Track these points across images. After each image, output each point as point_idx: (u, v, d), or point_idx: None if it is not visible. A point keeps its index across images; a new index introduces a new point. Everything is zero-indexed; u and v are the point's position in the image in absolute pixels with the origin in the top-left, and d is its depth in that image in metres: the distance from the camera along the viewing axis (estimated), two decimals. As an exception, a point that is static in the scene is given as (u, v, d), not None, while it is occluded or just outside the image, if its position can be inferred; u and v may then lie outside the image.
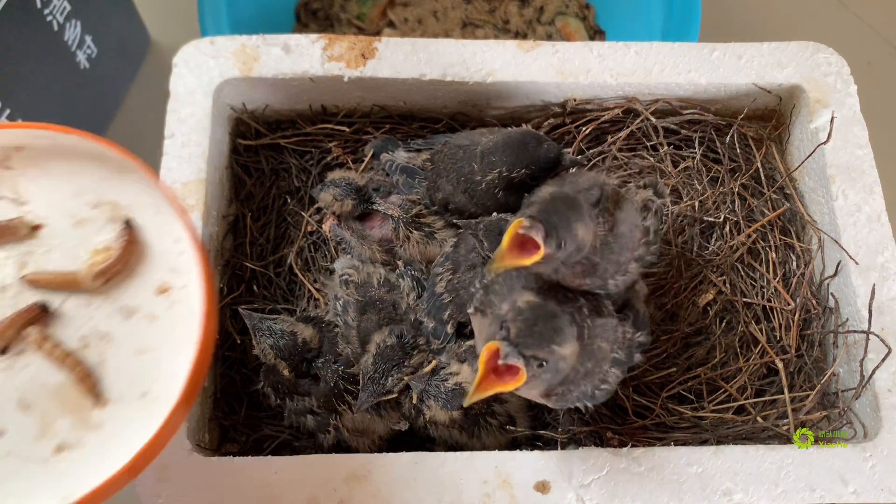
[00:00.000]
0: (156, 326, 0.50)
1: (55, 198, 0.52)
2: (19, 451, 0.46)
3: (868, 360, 0.64)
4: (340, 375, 0.62)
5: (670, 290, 0.72)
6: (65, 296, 0.50)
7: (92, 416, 0.47)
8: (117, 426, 0.47)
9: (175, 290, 0.50)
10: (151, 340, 0.49)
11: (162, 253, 0.51)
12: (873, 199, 0.69)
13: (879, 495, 0.60)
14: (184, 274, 0.50)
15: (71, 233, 0.52)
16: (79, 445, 0.47)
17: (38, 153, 0.53)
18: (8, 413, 0.47)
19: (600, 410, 0.67)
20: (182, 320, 0.49)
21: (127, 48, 0.97)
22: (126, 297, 0.50)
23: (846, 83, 0.73)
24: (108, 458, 0.45)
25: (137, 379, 0.48)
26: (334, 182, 0.67)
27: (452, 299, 0.61)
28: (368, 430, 0.63)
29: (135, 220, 0.51)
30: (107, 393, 0.48)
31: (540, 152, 0.60)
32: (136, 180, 0.52)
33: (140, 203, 0.52)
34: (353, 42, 0.73)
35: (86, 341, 0.49)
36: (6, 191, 0.52)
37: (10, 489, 0.45)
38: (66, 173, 0.52)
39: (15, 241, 0.51)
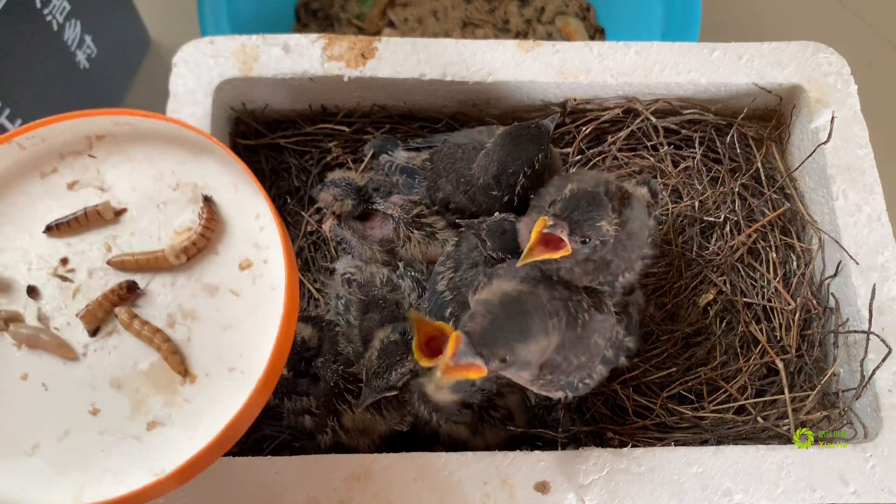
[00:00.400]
0: (240, 302, 0.50)
1: (137, 182, 0.54)
2: (114, 429, 0.48)
3: (868, 361, 0.64)
4: (341, 375, 0.62)
5: (670, 290, 0.72)
6: (150, 276, 0.51)
7: (182, 393, 0.48)
8: (206, 401, 0.48)
9: (257, 265, 0.51)
10: (236, 316, 0.50)
11: (243, 229, 0.52)
12: (873, 199, 0.69)
13: (880, 495, 0.60)
14: (265, 249, 0.51)
15: (154, 215, 0.53)
16: (170, 422, 0.48)
17: (119, 140, 0.54)
18: (102, 393, 0.49)
19: (600, 410, 0.67)
20: (265, 295, 0.50)
21: (127, 48, 0.97)
22: (209, 275, 0.51)
23: (846, 83, 0.73)
24: (198, 432, 0.47)
25: (224, 354, 0.49)
26: (334, 182, 0.67)
27: (454, 297, 0.61)
28: (369, 430, 0.63)
29: (214, 198, 0.52)
30: (194, 369, 0.49)
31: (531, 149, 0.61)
32: (213, 160, 0.53)
33: (219, 182, 0.53)
34: (352, 42, 0.73)
35: (172, 319, 0.50)
36: (91, 178, 0.54)
37: (106, 465, 0.47)
38: (146, 158, 0.54)
39: (100, 226, 0.53)
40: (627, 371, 0.68)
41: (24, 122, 0.76)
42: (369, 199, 0.68)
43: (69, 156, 0.54)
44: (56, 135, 0.53)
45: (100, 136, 0.54)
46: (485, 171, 0.62)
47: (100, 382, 0.49)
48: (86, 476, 0.46)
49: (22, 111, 0.76)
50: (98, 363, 0.50)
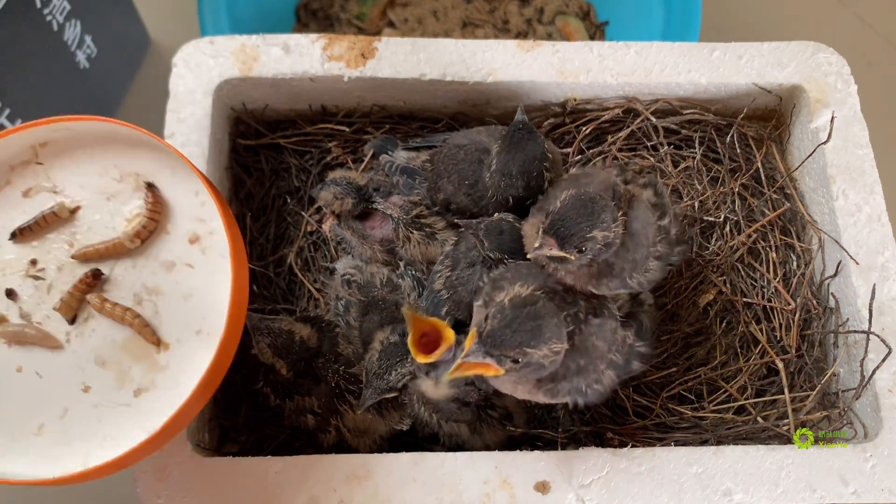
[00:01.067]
0: (195, 272, 0.56)
1: (84, 180, 0.58)
2: (106, 401, 0.54)
3: (868, 361, 0.64)
4: (341, 375, 0.62)
5: (670, 290, 0.72)
6: (113, 263, 0.57)
7: (159, 360, 0.54)
8: (182, 363, 0.54)
9: (204, 237, 0.57)
10: (194, 285, 0.56)
11: (186, 207, 0.57)
12: (874, 199, 0.69)
13: (880, 495, 0.60)
14: (209, 221, 0.57)
15: (105, 207, 0.58)
16: (153, 386, 0.54)
17: (61, 145, 0.59)
18: (89, 371, 0.54)
19: (600, 410, 0.67)
20: (217, 263, 0.56)
21: (127, 48, 0.97)
22: (164, 252, 0.57)
23: (846, 83, 0.73)
24: (179, 390, 0.52)
25: (190, 320, 0.55)
26: (335, 181, 0.67)
27: (450, 296, 0.61)
28: (370, 430, 0.63)
29: (156, 184, 0.57)
30: (166, 337, 0.55)
31: None
32: (148, 149, 0.58)
33: (156, 168, 0.58)
34: (352, 42, 0.73)
35: (139, 298, 0.56)
36: (42, 183, 0.58)
37: (105, 433, 0.53)
38: (88, 157, 0.58)
39: (60, 226, 0.57)
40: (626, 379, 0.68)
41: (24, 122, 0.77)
42: (369, 199, 0.68)
43: (19, 167, 0.58)
44: (3, 149, 0.57)
45: (42, 143, 0.58)
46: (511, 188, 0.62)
47: (86, 363, 0.55)
48: (89, 445, 0.52)
49: (21, 111, 0.76)
50: (81, 347, 0.55)
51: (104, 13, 0.88)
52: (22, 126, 0.56)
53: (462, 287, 0.61)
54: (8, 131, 0.56)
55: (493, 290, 0.54)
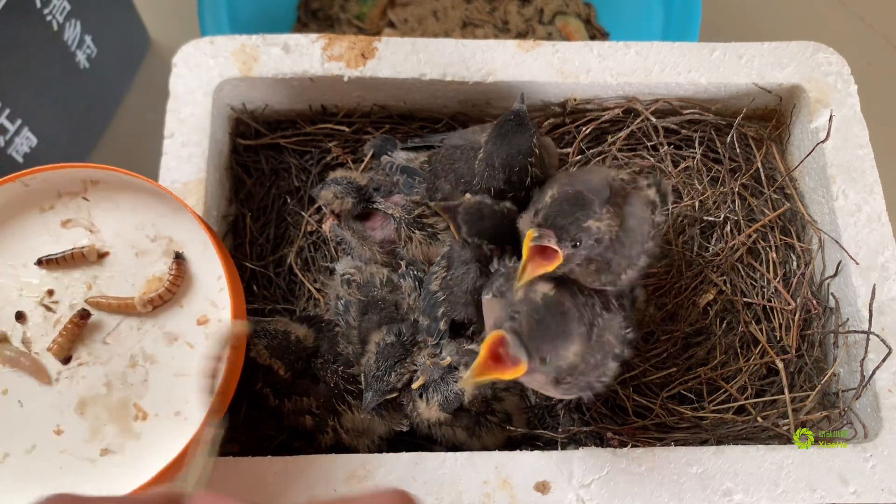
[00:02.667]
0: (193, 353, 0.56)
1: (121, 229, 0.60)
2: (73, 450, 0.54)
3: (868, 361, 0.64)
4: (340, 375, 0.62)
5: (671, 290, 0.72)
6: (121, 318, 0.58)
7: (133, 427, 0.55)
8: (153, 437, 0.54)
9: (213, 322, 0.57)
10: (188, 365, 0.56)
11: (205, 287, 0.58)
12: (874, 199, 0.69)
13: (880, 495, 0.60)
14: (221, 309, 0.57)
15: (131, 261, 0.59)
16: (121, 451, 0.54)
17: (111, 187, 0.60)
18: (67, 416, 0.55)
19: (600, 410, 0.67)
20: None
21: (127, 48, 0.97)
22: (171, 324, 0.58)
23: (846, 83, 0.73)
24: (143, 464, 0.53)
25: (173, 399, 0.55)
26: (335, 180, 0.67)
27: (447, 297, 0.61)
28: (369, 431, 0.63)
29: (185, 255, 0.58)
30: (147, 408, 0.55)
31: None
32: (188, 218, 0.58)
33: (191, 239, 0.59)
34: (352, 42, 0.73)
35: (134, 360, 0.57)
36: (83, 218, 0.60)
37: (62, 483, 0.53)
38: (131, 208, 0.60)
39: (85, 266, 0.59)
40: (627, 371, 0.68)
41: (24, 122, 0.77)
42: (370, 199, 0.68)
43: (66, 195, 0.60)
44: (57, 176, 0.58)
45: (94, 181, 0.60)
46: (493, 179, 0.61)
47: (66, 406, 0.55)
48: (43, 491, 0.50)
49: (22, 111, 0.76)
50: (67, 389, 0.56)
51: (104, 13, 0.88)
52: (81, 164, 0.58)
53: (457, 287, 0.61)
54: (66, 165, 0.58)
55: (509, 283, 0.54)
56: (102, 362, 0.57)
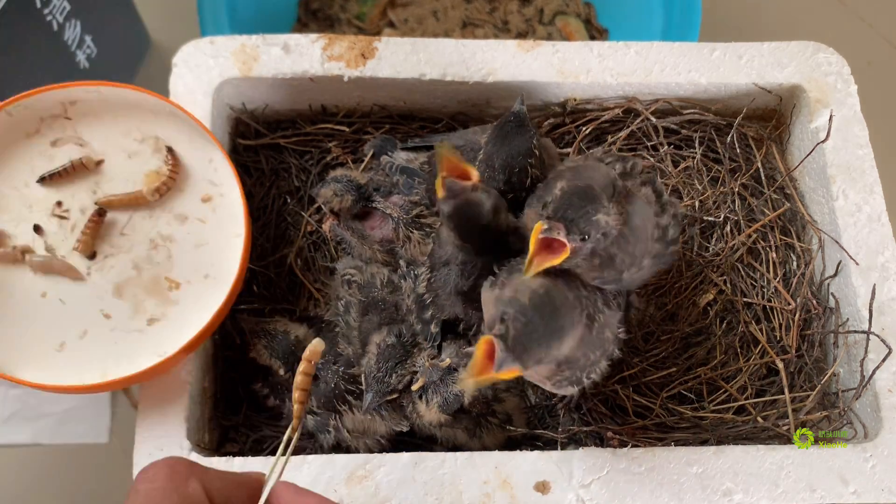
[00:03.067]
0: (206, 226, 0.63)
1: (108, 137, 0.65)
2: (122, 327, 0.60)
3: (868, 361, 0.64)
4: (341, 376, 0.62)
5: (670, 290, 0.72)
6: (132, 212, 0.63)
7: (170, 296, 0.61)
8: (190, 300, 0.61)
9: (216, 198, 0.64)
10: (205, 237, 0.63)
11: (200, 171, 0.65)
12: (874, 199, 0.69)
13: (880, 495, 0.60)
14: (220, 185, 0.64)
15: (126, 163, 0.65)
16: (165, 317, 0.61)
17: (90, 105, 0.65)
18: (107, 301, 0.61)
19: (600, 410, 0.67)
20: (225, 220, 0.63)
21: (127, 48, 0.97)
22: (179, 207, 0.64)
23: (846, 83, 0.73)
24: (187, 323, 0.59)
25: (199, 266, 0.62)
26: (335, 178, 0.67)
27: (433, 299, 0.61)
28: (369, 431, 0.63)
29: (174, 148, 0.64)
30: (177, 278, 0.62)
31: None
32: (170, 118, 0.65)
33: (175, 135, 0.65)
34: (352, 42, 0.73)
35: (154, 243, 0.63)
36: (70, 135, 0.65)
37: (121, 353, 0.59)
38: (113, 118, 0.65)
39: (85, 175, 0.64)
40: (627, 370, 0.68)
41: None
42: (369, 198, 0.68)
43: (48, 118, 0.64)
44: (36, 103, 0.63)
45: (73, 101, 0.64)
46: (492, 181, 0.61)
47: (104, 293, 0.61)
48: (105, 362, 0.59)
49: (22, 111, 0.76)
50: (100, 279, 0.61)
51: (104, 13, 0.88)
52: (56, 85, 0.62)
53: (441, 289, 0.61)
54: (42, 89, 0.62)
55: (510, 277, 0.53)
56: (126, 251, 0.62)
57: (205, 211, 0.64)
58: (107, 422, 0.83)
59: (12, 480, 0.84)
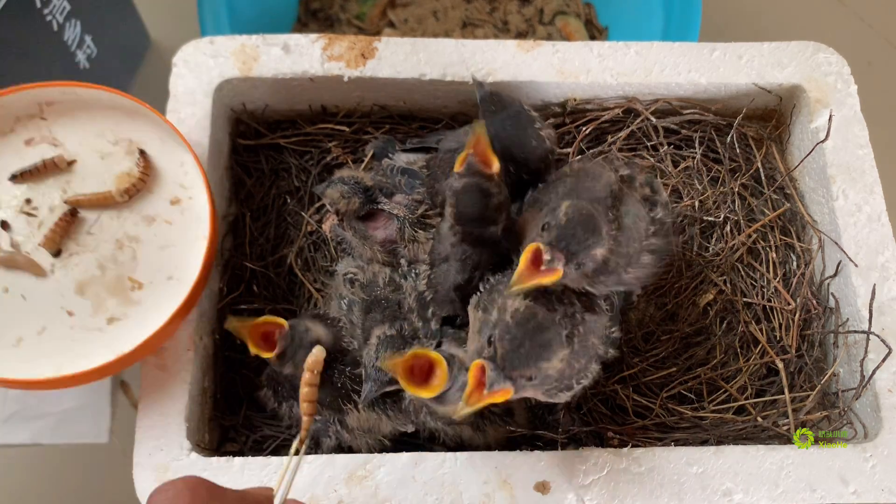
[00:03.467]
0: (172, 228, 0.64)
1: (82, 139, 0.66)
2: (81, 325, 0.60)
3: (868, 361, 0.64)
4: (347, 376, 0.62)
5: (670, 290, 0.72)
6: (100, 212, 0.64)
7: (132, 296, 0.62)
8: (152, 301, 0.61)
9: (184, 200, 0.65)
10: (170, 238, 0.64)
11: (171, 174, 0.65)
12: (874, 199, 0.69)
13: (880, 495, 0.60)
14: (189, 188, 0.65)
15: (98, 164, 0.65)
16: (125, 317, 0.61)
17: (65, 106, 0.66)
18: (69, 299, 0.61)
19: (600, 410, 0.67)
20: (192, 223, 0.64)
21: (127, 48, 0.97)
22: (147, 209, 0.65)
23: (847, 83, 0.73)
24: (147, 324, 0.59)
25: (163, 267, 0.63)
26: (342, 179, 0.67)
27: (434, 296, 0.61)
28: (374, 430, 0.63)
29: (147, 150, 0.65)
30: (141, 279, 0.62)
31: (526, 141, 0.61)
32: (144, 120, 0.66)
33: (149, 138, 0.66)
34: (352, 42, 0.73)
35: (120, 243, 0.63)
36: (44, 136, 0.65)
37: (78, 351, 0.59)
38: (88, 119, 0.66)
39: (56, 174, 0.65)
40: (627, 370, 0.68)
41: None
42: (375, 200, 0.68)
43: (24, 118, 0.65)
44: (13, 102, 0.64)
45: (49, 102, 0.66)
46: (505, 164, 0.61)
47: (66, 291, 0.61)
48: (62, 359, 0.59)
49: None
50: (63, 277, 0.62)
51: (104, 13, 0.88)
52: (33, 84, 0.63)
53: (440, 285, 0.61)
54: (19, 87, 0.63)
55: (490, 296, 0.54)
56: (91, 250, 0.63)
57: (173, 213, 0.64)
58: (107, 422, 0.83)
59: (12, 480, 0.84)
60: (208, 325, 0.67)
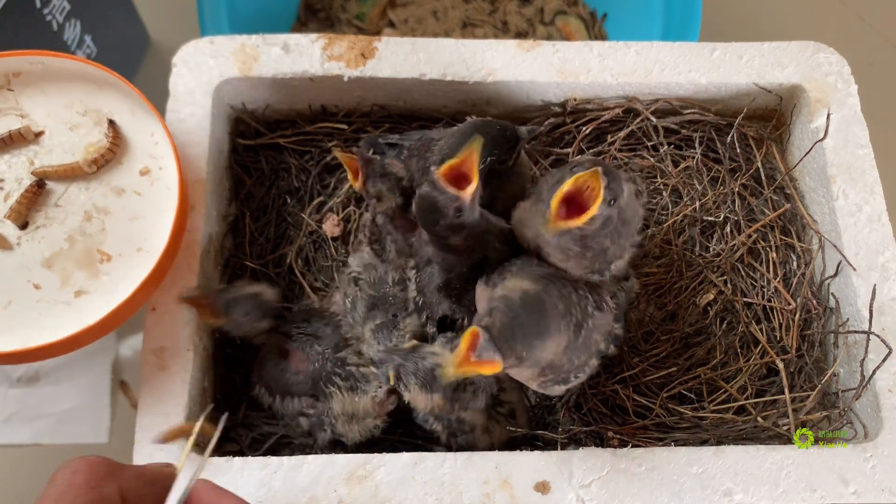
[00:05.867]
0: (142, 199, 0.63)
1: (51, 110, 0.65)
2: (48, 298, 0.60)
3: (868, 361, 0.64)
4: (328, 358, 0.62)
5: (671, 290, 0.72)
6: (68, 183, 0.63)
7: (101, 269, 0.61)
8: (120, 273, 0.61)
9: (154, 171, 0.64)
10: (140, 210, 0.63)
11: (141, 144, 0.65)
12: (874, 199, 0.69)
13: (880, 495, 0.60)
14: (160, 158, 0.64)
15: (66, 136, 0.65)
16: (93, 290, 0.60)
17: (33, 77, 0.66)
18: (36, 272, 0.61)
19: (600, 410, 0.67)
20: (162, 193, 0.63)
21: (127, 48, 0.97)
22: (116, 180, 0.64)
23: (847, 83, 0.73)
24: (115, 296, 0.59)
25: (132, 239, 0.62)
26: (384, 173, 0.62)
27: (423, 301, 0.61)
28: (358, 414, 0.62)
29: (117, 121, 0.64)
30: (109, 251, 0.61)
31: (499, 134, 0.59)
32: (114, 91, 0.65)
33: (119, 108, 0.65)
34: (352, 42, 0.73)
35: (89, 214, 0.62)
36: (11, 106, 0.65)
37: (44, 324, 0.59)
38: (57, 90, 0.66)
39: (23, 146, 0.64)
40: (627, 370, 0.68)
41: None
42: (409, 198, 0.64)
43: None
44: None
45: (16, 73, 0.65)
46: None
47: (33, 264, 0.61)
48: (28, 332, 0.58)
49: (22, 111, 0.76)
50: (30, 250, 0.61)
51: (104, 13, 0.88)
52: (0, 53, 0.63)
53: (426, 288, 0.61)
54: None
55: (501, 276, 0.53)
56: (59, 222, 0.62)
57: (142, 184, 0.63)
58: (107, 422, 0.83)
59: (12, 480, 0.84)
60: (208, 325, 0.67)
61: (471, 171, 0.52)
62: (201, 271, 0.65)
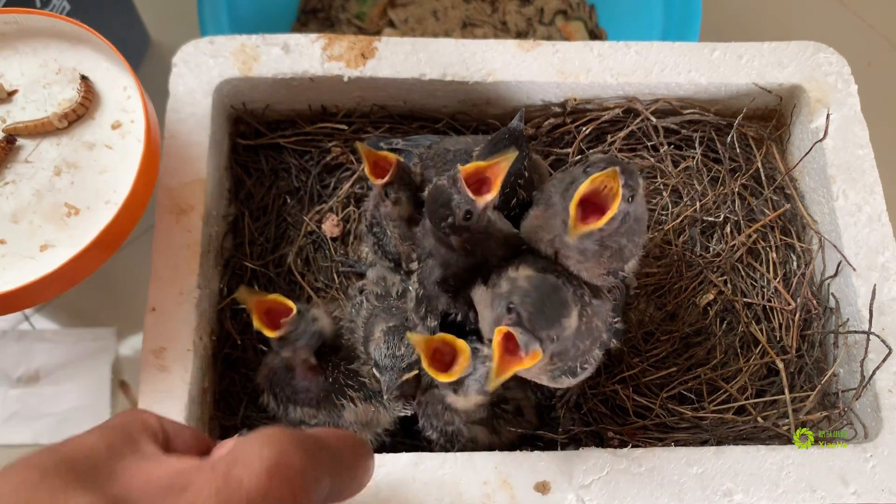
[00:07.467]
0: (113, 153, 0.64)
1: (25, 69, 0.66)
2: (14, 252, 0.60)
3: (868, 361, 0.64)
4: (341, 370, 0.62)
5: (670, 290, 0.72)
6: (40, 139, 0.64)
7: (69, 223, 0.61)
8: (87, 225, 0.61)
9: (125, 124, 0.65)
10: (110, 163, 0.63)
11: (113, 99, 0.65)
12: (874, 199, 0.69)
13: (880, 496, 0.60)
14: (131, 112, 0.65)
15: (40, 93, 0.66)
16: (59, 243, 0.60)
17: (8, 37, 0.67)
18: (4, 226, 0.61)
19: (600, 410, 0.67)
20: (132, 146, 0.64)
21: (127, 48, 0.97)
22: (87, 135, 0.64)
23: (847, 83, 0.73)
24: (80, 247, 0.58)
25: (101, 192, 0.62)
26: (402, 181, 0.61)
27: (424, 293, 0.61)
28: (373, 423, 0.63)
29: (89, 77, 0.65)
30: (78, 204, 0.62)
31: None
32: (88, 47, 0.66)
33: (93, 65, 0.66)
34: (352, 42, 0.73)
35: (59, 169, 0.63)
36: None
37: (6, 278, 0.59)
38: (31, 50, 0.67)
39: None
40: (627, 370, 0.68)
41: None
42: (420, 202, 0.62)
43: None
44: None
45: None
46: None
47: (1, 220, 0.61)
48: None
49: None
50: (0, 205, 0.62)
51: (104, 13, 0.88)
52: None
53: (426, 280, 0.60)
54: None
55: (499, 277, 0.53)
56: (28, 178, 0.63)
57: (113, 137, 0.64)
58: (107, 422, 0.83)
59: (12, 480, 0.84)
60: (208, 325, 0.67)
61: (495, 178, 0.51)
62: (201, 271, 0.65)
